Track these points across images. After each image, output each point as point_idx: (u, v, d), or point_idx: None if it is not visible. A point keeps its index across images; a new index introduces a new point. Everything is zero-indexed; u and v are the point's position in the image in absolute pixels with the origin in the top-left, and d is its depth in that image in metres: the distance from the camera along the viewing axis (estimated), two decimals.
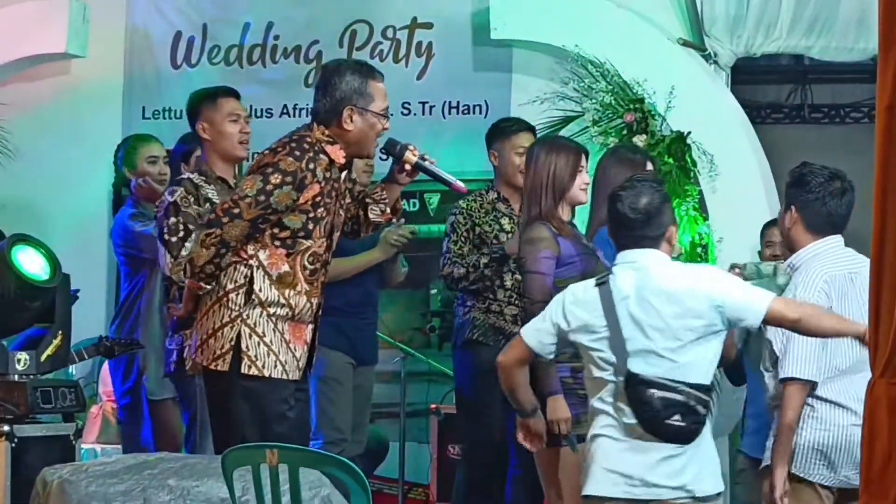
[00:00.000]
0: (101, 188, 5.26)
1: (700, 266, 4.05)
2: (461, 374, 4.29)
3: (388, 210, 3.30)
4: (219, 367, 3.14)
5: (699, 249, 4.93)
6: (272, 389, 3.08)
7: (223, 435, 3.32)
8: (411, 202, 5.01)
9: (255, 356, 3.05)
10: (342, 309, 3.94)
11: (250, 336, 3.07)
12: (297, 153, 2.95)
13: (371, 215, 3.25)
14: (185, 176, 3.60)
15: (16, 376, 4.18)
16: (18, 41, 5.47)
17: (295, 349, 3.06)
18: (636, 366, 3.03)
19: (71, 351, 4.49)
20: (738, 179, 5.09)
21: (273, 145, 3.13)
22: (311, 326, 3.14)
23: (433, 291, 5.18)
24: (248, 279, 3.08)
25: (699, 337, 3.04)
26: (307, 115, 4.84)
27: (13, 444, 4.01)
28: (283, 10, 5.49)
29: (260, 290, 3.08)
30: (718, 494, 3.12)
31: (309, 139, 2.98)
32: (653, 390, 3.04)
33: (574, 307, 3.10)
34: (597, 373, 3.13)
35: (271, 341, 3.05)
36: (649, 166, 3.92)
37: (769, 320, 3.06)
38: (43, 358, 4.32)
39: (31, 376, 4.24)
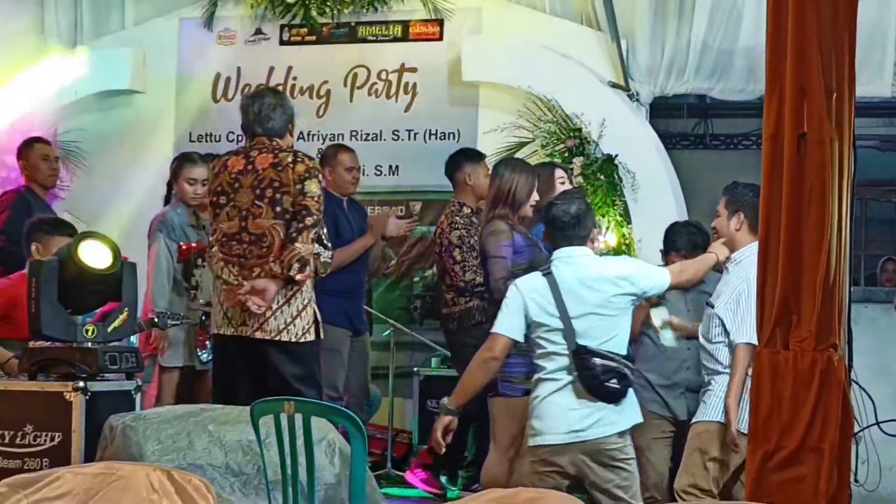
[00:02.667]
0: (157, 195, 5.93)
1: (619, 257, 4.78)
2: (471, 350, 4.29)
3: None
4: (308, 338, 3.90)
5: (623, 247, 5.67)
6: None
7: (310, 385, 3.97)
8: (398, 209, 5.84)
9: (321, 325, 3.88)
10: (342, 292, 4.62)
11: (315, 312, 3.85)
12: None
13: None
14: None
15: (88, 343, 4.69)
16: (93, 81, 6.38)
17: None
18: (582, 340, 3.52)
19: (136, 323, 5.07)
20: (654, 192, 5.85)
21: (298, 154, 3.79)
22: None
23: (416, 279, 6.00)
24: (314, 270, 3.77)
25: (624, 311, 3.62)
26: (319, 140, 5.94)
27: (87, 398, 4.43)
28: (299, 56, 6.30)
29: (317, 277, 3.82)
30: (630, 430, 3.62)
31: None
32: (596, 359, 3.56)
33: (532, 293, 3.61)
34: (549, 347, 3.61)
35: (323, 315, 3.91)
36: (559, 171, 4.68)
37: (673, 287, 3.75)
38: (110, 329, 4.78)
39: (101, 343, 4.72)
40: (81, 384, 4.42)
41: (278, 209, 3.77)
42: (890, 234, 7.59)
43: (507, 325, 3.63)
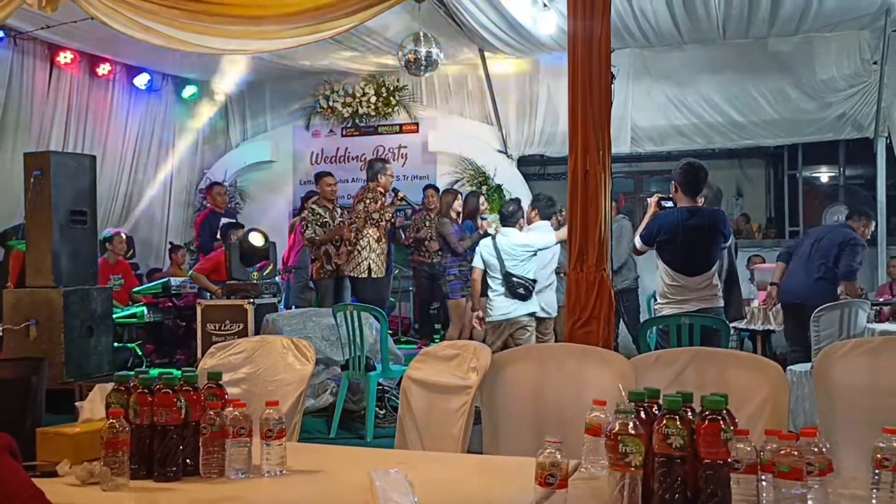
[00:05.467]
0: (286, 212, 10.85)
1: (531, 233, 6.34)
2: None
3: None
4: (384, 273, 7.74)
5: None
6: None
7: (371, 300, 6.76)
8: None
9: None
10: None
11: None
12: None
13: None
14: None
15: (254, 280, 7.24)
16: (253, 155, 11.28)
17: None
18: (511, 270, 5.89)
19: (277, 271, 8.18)
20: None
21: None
22: None
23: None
24: None
25: (529, 258, 5.97)
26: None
27: (254, 306, 6.76)
28: (351, 142, 10.99)
29: None
30: (541, 318, 6.07)
31: None
32: (515, 279, 5.97)
33: (486, 248, 6.01)
34: (493, 273, 5.96)
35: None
36: (482, 199, 8.74)
37: (558, 240, 5.83)
38: (266, 273, 7.53)
39: (260, 281, 7.23)
40: (251, 300, 6.81)
41: None
42: None
43: (477, 262, 6.13)
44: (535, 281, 6.02)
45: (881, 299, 6.67)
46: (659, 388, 2.03)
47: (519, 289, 5.99)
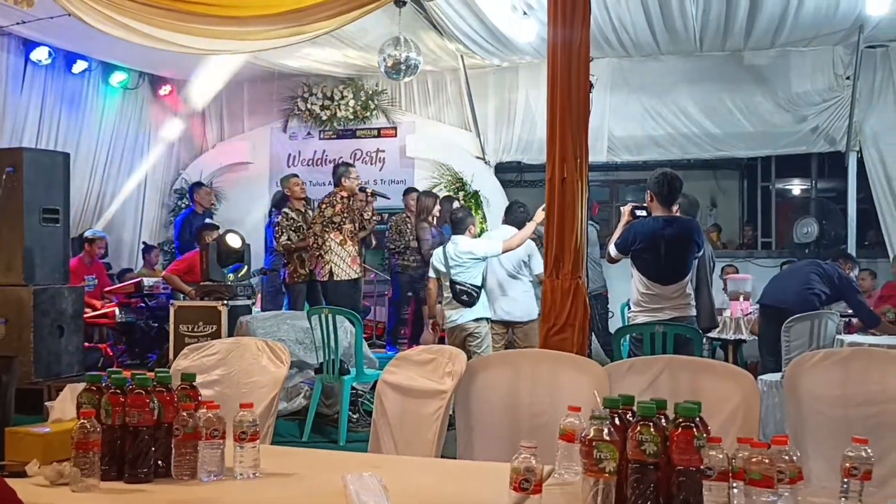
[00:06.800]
0: (261, 214, 10.77)
1: (479, 239, 6.60)
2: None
3: None
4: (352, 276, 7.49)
5: (484, 233, 8.91)
6: None
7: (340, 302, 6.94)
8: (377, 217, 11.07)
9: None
10: None
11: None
12: None
13: None
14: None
15: (228, 282, 7.15)
16: (230, 157, 11.23)
17: None
18: (454, 277, 6.14)
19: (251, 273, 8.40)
20: (497, 208, 9.13)
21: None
22: None
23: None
24: None
25: (475, 265, 6.10)
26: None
27: (227, 308, 6.75)
28: (328, 145, 10.97)
29: None
30: (484, 319, 6.11)
31: None
32: (458, 286, 6.15)
33: (437, 257, 6.25)
34: (444, 280, 6.14)
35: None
36: (456, 203, 8.86)
37: (504, 251, 6.01)
38: (240, 275, 7.40)
39: (234, 282, 7.18)
40: (225, 301, 6.79)
41: None
42: None
43: (430, 271, 6.37)
44: (480, 287, 6.06)
45: (850, 311, 6.75)
46: (633, 395, 2.04)
47: (462, 296, 6.07)
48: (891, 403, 2.66)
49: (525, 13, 8.37)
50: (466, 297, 6.04)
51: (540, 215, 6.01)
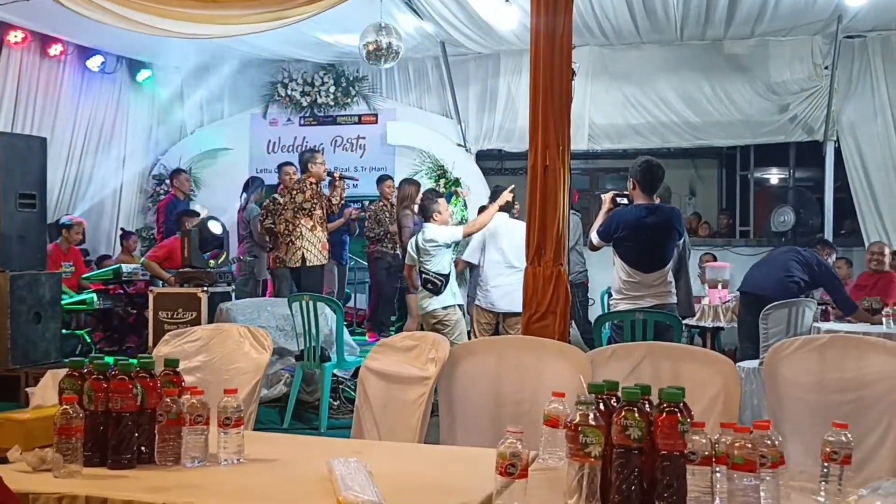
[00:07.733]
0: (234, 201, 10.63)
1: (443, 227, 6.36)
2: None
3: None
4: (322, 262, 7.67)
5: (464, 219, 9.57)
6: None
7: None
8: (357, 205, 11.04)
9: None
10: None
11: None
12: None
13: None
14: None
15: (208, 269, 7.09)
16: (210, 142, 11.12)
17: None
18: (423, 265, 6.11)
19: (230, 260, 8.42)
20: (478, 195, 9.64)
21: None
22: None
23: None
24: None
25: (441, 253, 6.07)
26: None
27: (207, 294, 6.70)
28: (309, 131, 10.86)
29: None
30: (455, 306, 6.13)
31: None
32: (423, 274, 6.14)
33: (411, 245, 6.29)
34: (418, 268, 6.17)
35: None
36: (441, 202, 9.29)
37: (465, 235, 6.24)
38: (220, 261, 7.43)
39: (214, 269, 7.13)
40: (205, 288, 6.80)
41: None
42: None
43: (408, 262, 6.45)
44: (446, 276, 6.05)
45: (827, 298, 6.84)
46: (616, 381, 2.06)
47: (427, 284, 6.07)
48: (867, 389, 2.70)
49: (507, 1, 8.36)
50: (431, 285, 6.05)
51: (504, 197, 6.12)
